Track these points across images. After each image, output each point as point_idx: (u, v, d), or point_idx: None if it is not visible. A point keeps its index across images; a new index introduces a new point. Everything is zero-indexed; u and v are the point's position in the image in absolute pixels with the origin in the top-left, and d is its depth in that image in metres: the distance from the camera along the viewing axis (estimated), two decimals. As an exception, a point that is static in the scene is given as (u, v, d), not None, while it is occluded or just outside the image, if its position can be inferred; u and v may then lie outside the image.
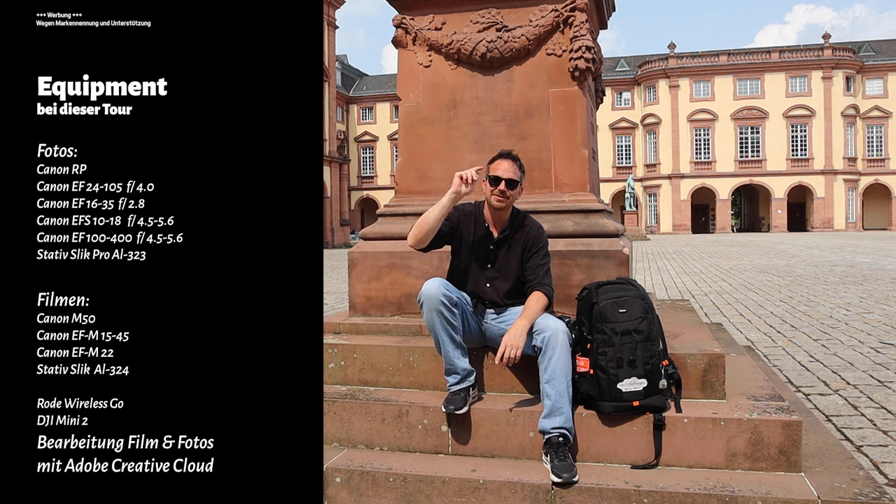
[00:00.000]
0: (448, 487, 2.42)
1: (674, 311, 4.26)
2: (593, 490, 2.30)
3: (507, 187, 2.70)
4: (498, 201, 2.72)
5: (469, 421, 2.64)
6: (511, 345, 2.50)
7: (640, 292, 2.62)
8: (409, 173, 3.57)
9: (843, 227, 51.93)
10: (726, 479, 2.33)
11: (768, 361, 5.22)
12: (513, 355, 2.49)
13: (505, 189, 2.69)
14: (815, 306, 8.68)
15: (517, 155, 2.79)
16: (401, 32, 3.54)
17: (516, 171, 2.74)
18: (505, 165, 2.72)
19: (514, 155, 2.78)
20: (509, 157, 2.75)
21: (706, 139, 53.88)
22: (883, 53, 54.25)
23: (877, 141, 53.77)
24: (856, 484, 2.29)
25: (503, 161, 2.74)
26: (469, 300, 2.79)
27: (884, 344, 5.99)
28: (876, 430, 3.55)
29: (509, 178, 2.70)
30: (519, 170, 2.75)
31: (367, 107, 59.68)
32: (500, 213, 2.78)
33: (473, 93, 3.44)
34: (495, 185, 2.70)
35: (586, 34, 3.24)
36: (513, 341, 2.51)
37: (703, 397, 2.66)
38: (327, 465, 2.57)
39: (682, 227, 53.72)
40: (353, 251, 3.47)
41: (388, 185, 56.85)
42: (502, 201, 2.72)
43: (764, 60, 53.18)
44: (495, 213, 2.79)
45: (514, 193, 2.75)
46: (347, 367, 3.03)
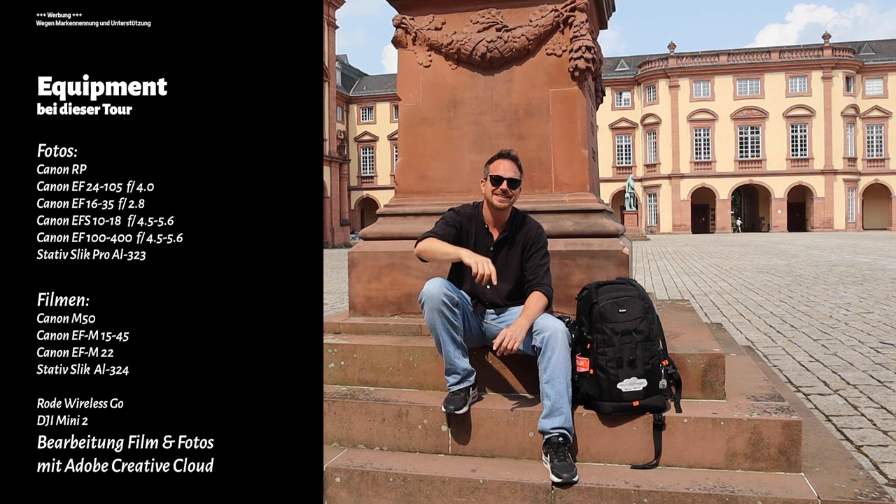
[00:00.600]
0: (448, 487, 2.42)
1: (674, 311, 4.26)
2: (593, 490, 2.30)
3: (510, 187, 2.70)
4: (500, 201, 2.72)
5: (469, 421, 2.64)
6: (510, 336, 2.49)
7: (639, 292, 2.62)
8: (409, 173, 3.57)
9: (842, 227, 51.93)
10: (726, 479, 2.33)
11: (768, 361, 5.22)
12: (510, 346, 2.49)
13: (507, 189, 2.70)
14: (815, 306, 8.68)
15: (516, 155, 2.80)
16: (401, 32, 3.54)
17: (517, 171, 2.75)
18: (506, 165, 2.73)
19: (514, 155, 2.78)
20: (509, 156, 2.76)
21: (706, 139, 53.88)
22: (883, 53, 54.25)
23: (877, 141, 53.77)
24: (856, 484, 2.29)
25: (504, 161, 2.74)
26: (469, 300, 2.79)
27: (884, 344, 5.99)
28: (876, 430, 3.55)
29: (511, 178, 2.70)
30: (519, 169, 2.76)
31: (367, 107, 59.69)
32: (500, 213, 2.78)
33: (473, 93, 3.44)
34: (497, 185, 2.70)
35: (586, 34, 3.24)
36: (513, 334, 2.51)
37: (703, 397, 2.66)
38: (327, 465, 2.57)
39: (681, 227, 53.72)
40: (353, 251, 3.47)
41: (388, 185, 56.85)
42: (504, 201, 2.72)
43: (764, 60, 53.18)
44: (495, 213, 2.79)
45: (516, 193, 2.75)
46: (347, 367, 3.03)
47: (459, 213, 2.84)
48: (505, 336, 2.50)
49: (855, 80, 53.14)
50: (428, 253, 2.68)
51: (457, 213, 2.84)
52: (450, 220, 2.81)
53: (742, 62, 53.44)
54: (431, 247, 2.67)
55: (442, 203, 3.38)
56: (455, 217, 2.82)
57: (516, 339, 2.50)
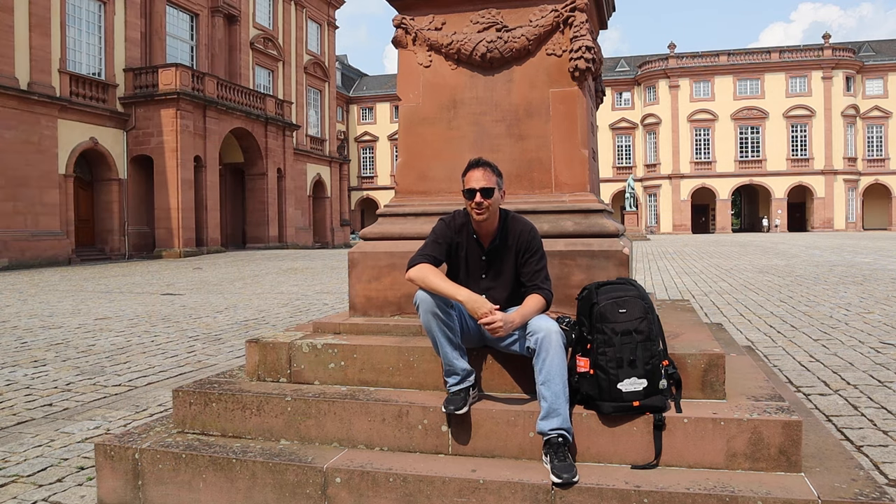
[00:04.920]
0: (448, 487, 2.42)
1: (674, 311, 4.26)
2: (593, 490, 2.30)
3: (484, 196, 2.66)
4: (478, 214, 2.69)
5: (469, 421, 2.64)
6: (504, 319, 2.50)
7: (640, 292, 2.62)
8: (408, 173, 3.57)
9: (843, 227, 51.90)
10: (726, 479, 2.33)
11: (768, 361, 5.22)
12: (499, 326, 2.49)
13: (482, 200, 2.66)
14: (815, 306, 8.67)
15: (487, 161, 2.76)
16: (401, 32, 3.53)
17: (490, 178, 2.69)
18: (477, 175, 2.69)
19: (485, 161, 2.74)
20: (478, 165, 2.72)
21: (706, 139, 53.87)
22: (883, 53, 54.23)
23: (877, 141, 53.75)
24: (856, 484, 2.29)
25: (474, 171, 2.70)
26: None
27: (884, 344, 5.98)
28: (876, 430, 3.55)
29: (483, 187, 2.66)
30: (493, 174, 2.71)
31: (367, 107, 59.69)
32: (485, 224, 2.75)
33: (473, 93, 3.44)
34: (471, 198, 2.68)
35: (586, 34, 3.24)
36: (506, 318, 2.51)
37: (703, 397, 2.66)
38: (327, 465, 2.57)
39: (682, 227, 53.70)
40: (353, 251, 3.47)
41: (388, 185, 56.86)
42: (482, 213, 2.69)
43: (764, 60, 53.18)
44: (479, 224, 2.75)
45: (493, 201, 2.70)
46: (347, 367, 3.03)
47: (449, 226, 2.81)
48: (499, 315, 2.49)
49: (855, 80, 53.12)
50: (421, 284, 2.62)
51: (446, 226, 2.80)
52: (440, 235, 2.78)
53: (742, 62, 53.43)
54: (426, 281, 2.61)
55: (442, 203, 3.38)
56: (445, 231, 2.79)
57: (507, 323, 2.50)
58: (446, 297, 2.57)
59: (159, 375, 5.41)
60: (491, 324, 2.49)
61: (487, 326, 2.50)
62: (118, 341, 7.09)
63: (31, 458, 3.45)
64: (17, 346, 6.96)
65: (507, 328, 2.52)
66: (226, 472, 2.67)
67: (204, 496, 2.70)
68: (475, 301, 2.53)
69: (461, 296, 2.55)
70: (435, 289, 2.58)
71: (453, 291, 2.57)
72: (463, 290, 2.57)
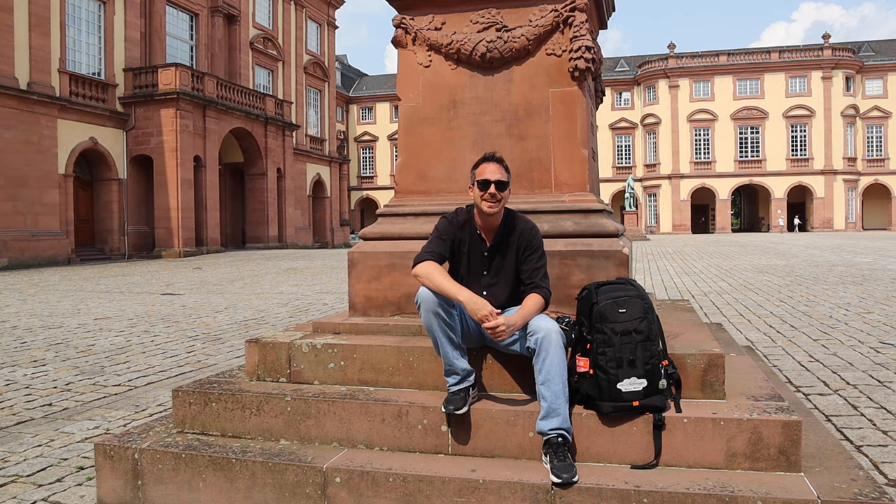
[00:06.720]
0: (448, 487, 2.42)
1: (674, 311, 4.26)
2: (593, 490, 2.30)
3: (498, 189, 2.67)
4: (489, 206, 2.69)
5: (469, 421, 2.64)
6: (507, 322, 2.50)
7: (639, 292, 2.62)
8: (408, 173, 3.57)
9: (842, 227, 51.91)
10: (726, 479, 2.33)
11: (768, 361, 5.22)
12: (502, 330, 2.49)
13: (495, 192, 2.67)
14: (814, 306, 8.68)
15: (501, 156, 2.77)
16: (400, 32, 3.53)
17: (503, 173, 2.71)
18: (492, 168, 2.70)
19: (499, 157, 2.75)
20: (493, 159, 2.73)
21: (706, 139, 53.88)
22: (883, 53, 54.24)
23: (876, 141, 53.76)
24: (855, 484, 2.29)
25: (489, 164, 2.71)
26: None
27: (883, 344, 5.98)
28: (876, 430, 3.55)
29: (498, 180, 2.67)
30: (505, 171, 2.73)
31: (367, 107, 59.68)
32: (491, 218, 2.75)
33: (473, 93, 3.44)
34: (485, 189, 2.67)
35: (586, 34, 3.24)
36: (508, 321, 2.51)
37: (702, 397, 2.66)
38: (327, 465, 2.57)
39: (681, 227, 53.70)
40: (352, 251, 3.47)
41: (388, 185, 56.85)
42: (493, 206, 2.69)
43: (764, 60, 53.19)
44: (486, 219, 2.75)
45: (505, 195, 2.72)
46: (347, 367, 3.03)
47: (452, 222, 2.81)
48: (502, 319, 2.50)
49: (855, 80, 53.13)
50: (426, 282, 2.62)
51: (449, 223, 2.81)
52: (443, 232, 2.78)
53: (742, 62, 53.43)
54: (431, 279, 2.61)
55: (442, 203, 3.38)
56: (448, 227, 2.79)
57: (510, 325, 2.50)
58: (448, 296, 2.57)
59: (159, 375, 5.41)
60: (494, 328, 2.49)
61: (491, 331, 2.50)
62: (118, 341, 7.09)
63: (30, 457, 3.45)
64: (16, 345, 6.96)
65: (509, 331, 2.52)
66: (225, 471, 2.67)
67: (204, 496, 2.70)
68: (475, 303, 2.53)
69: (462, 296, 2.55)
70: (438, 287, 2.58)
71: (455, 291, 2.56)
72: (464, 290, 2.57)
